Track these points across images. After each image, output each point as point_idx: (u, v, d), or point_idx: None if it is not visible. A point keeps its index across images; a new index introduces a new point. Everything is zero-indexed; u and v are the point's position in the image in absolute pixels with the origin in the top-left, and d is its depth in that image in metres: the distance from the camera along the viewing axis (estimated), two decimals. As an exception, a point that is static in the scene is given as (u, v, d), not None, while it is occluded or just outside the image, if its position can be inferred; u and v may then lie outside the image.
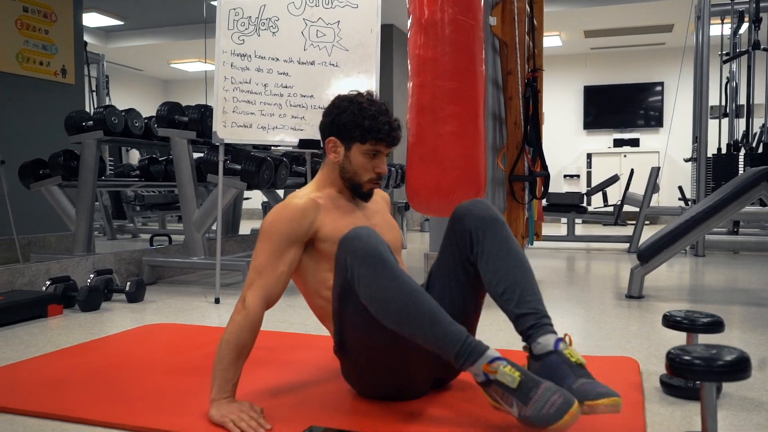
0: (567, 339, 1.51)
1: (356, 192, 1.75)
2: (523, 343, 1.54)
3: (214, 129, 3.13)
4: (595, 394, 1.35)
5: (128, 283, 3.18)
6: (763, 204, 5.17)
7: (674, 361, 1.29)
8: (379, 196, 1.92)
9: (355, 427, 1.48)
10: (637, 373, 1.90)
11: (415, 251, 5.87)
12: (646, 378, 1.91)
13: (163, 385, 1.82)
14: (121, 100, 8.54)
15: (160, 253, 3.96)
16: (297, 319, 2.79)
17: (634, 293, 3.27)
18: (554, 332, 1.50)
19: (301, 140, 3.22)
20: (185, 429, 1.48)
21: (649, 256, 3.17)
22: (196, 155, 4.08)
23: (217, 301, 3.22)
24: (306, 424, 1.50)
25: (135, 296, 3.18)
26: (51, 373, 1.95)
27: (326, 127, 1.74)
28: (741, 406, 1.67)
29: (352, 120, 1.69)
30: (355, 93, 1.75)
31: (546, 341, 1.48)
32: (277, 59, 3.22)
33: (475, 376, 1.40)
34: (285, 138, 3.21)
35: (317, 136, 3.28)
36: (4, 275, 3.07)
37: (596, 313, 2.89)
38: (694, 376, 1.27)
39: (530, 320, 1.51)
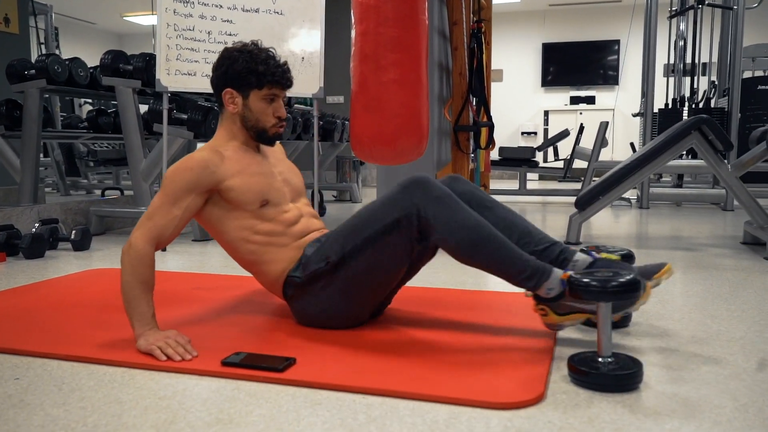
0: (594, 248, 1.77)
1: (262, 138, 1.81)
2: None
3: (157, 77, 3.11)
4: (656, 269, 1.67)
5: (73, 232, 3.19)
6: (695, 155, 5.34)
7: (573, 284, 1.38)
8: (275, 146, 1.97)
9: (281, 351, 1.55)
10: (557, 306, 2.01)
11: (369, 205, 5.93)
12: (565, 311, 2.02)
13: (98, 320, 1.87)
14: (72, 54, 8.32)
15: (107, 203, 3.95)
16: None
17: (572, 239, 3.39)
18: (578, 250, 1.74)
19: (245, 88, 3.22)
20: (114, 358, 1.54)
21: (585, 203, 3.28)
22: (144, 108, 4.04)
23: (163, 249, 3.24)
24: (232, 351, 1.56)
25: (80, 244, 3.19)
26: (-13, 311, 1.98)
27: (220, 80, 1.76)
28: (647, 333, 1.78)
29: (246, 67, 1.73)
30: (240, 44, 1.79)
31: (582, 257, 1.70)
32: (221, 6, 3.19)
33: (548, 291, 1.54)
34: (229, 86, 3.21)
35: (262, 84, 3.28)
36: (-56, 224, 3.05)
37: (532, 257, 3.00)
38: (590, 296, 1.36)
39: (557, 248, 1.73)
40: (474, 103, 3.58)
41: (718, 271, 2.66)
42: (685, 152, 5.50)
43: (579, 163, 8.35)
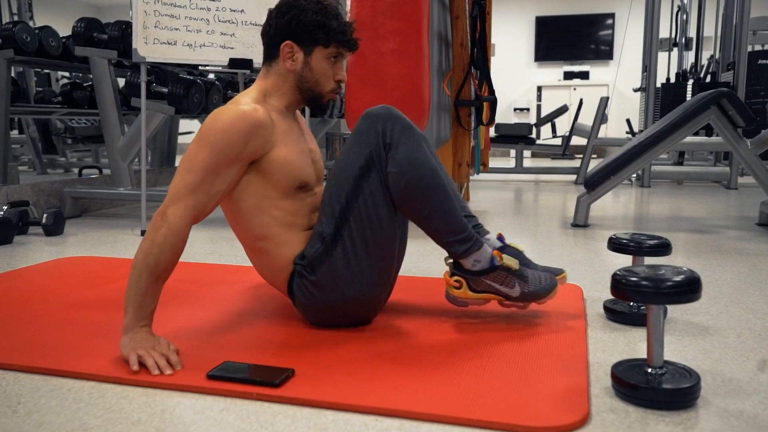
0: (501, 235, 1.66)
1: (315, 103, 1.57)
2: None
3: (134, 46, 2.85)
4: (557, 272, 1.64)
5: (45, 215, 2.94)
6: (708, 133, 5.16)
7: (620, 283, 1.18)
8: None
9: (277, 360, 1.35)
10: (581, 300, 1.81)
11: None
12: (590, 305, 1.82)
13: (66, 321, 1.64)
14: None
15: (83, 183, 3.69)
16: (228, 251, 2.62)
17: (580, 222, 3.20)
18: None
19: (231, 59, 2.97)
20: (81, 369, 1.32)
21: (595, 183, 3.08)
22: (122, 82, 3.78)
23: (143, 233, 3.01)
24: (219, 360, 1.35)
25: (53, 229, 2.94)
26: (-60, 310, 1.74)
27: (281, 29, 1.51)
28: (686, 331, 1.59)
29: (317, 20, 1.50)
30: None
31: (492, 238, 1.62)
32: (203, -31, 2.93)
33: (475, 262, 1.51)
34: (213, 57, 2.96)
35: (249, 54, 3.03)
36: None
37: (542, 242, 2.81)
38: (641, 298, 1.16)
39: (472, 222, 1.62)
40: (476, 76, 3.36)
41: (743, 257, 2.48)
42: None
43: (573, 140, 8.15)
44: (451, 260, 1.57)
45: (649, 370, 1.21)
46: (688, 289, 1.14)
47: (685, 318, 1.70)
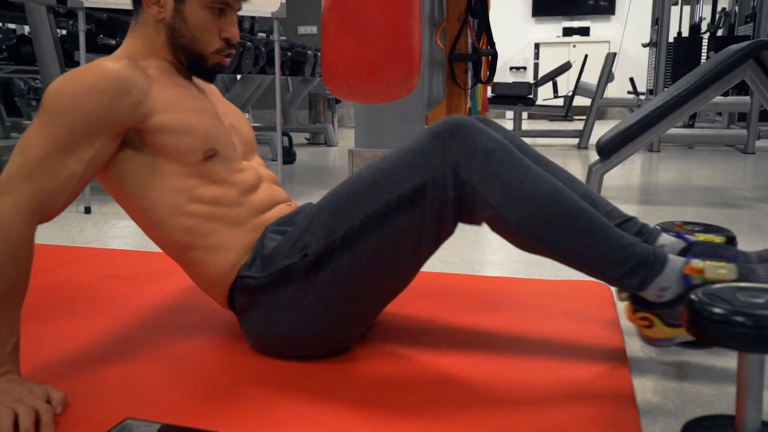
0: (682, 227, 1.24)
1: (196, 67, 1.16)
2: None
3: (68, -12, 2.39)
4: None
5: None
6: (725, 92, 4.75)
7: (700, 316, 0.79)
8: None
9: (197, 415, 0.96)
10: (612, 306, 1.43)
11: (345, 150, 5.29)
12: (618, 308, 1.44)
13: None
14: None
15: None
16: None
17: (592, 194, 2.80)
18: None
19: (185, 5, 2.52)
20: None
21: (611, 150, 2.68)
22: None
23: (87, 210, 2.60)
24: (125, 413, 0.96)
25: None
26: None
27: None
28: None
29: None
30: None
31: (670, 240, 1.16)
32: None
33: (660, 292, 1.04)
34: (164, 1, 2.50)
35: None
36: None
37: (550, 220, 2.42)
38: (734, 343, 0.76)
39: (633, 226, 1.21)
40: (474, 26, 2.92)
41: (790, 239, 2.10)
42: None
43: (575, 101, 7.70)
44: (624, 293, 1.14)
45: (739, 439, 0.83)
46: (809, 328, 0.75)
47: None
